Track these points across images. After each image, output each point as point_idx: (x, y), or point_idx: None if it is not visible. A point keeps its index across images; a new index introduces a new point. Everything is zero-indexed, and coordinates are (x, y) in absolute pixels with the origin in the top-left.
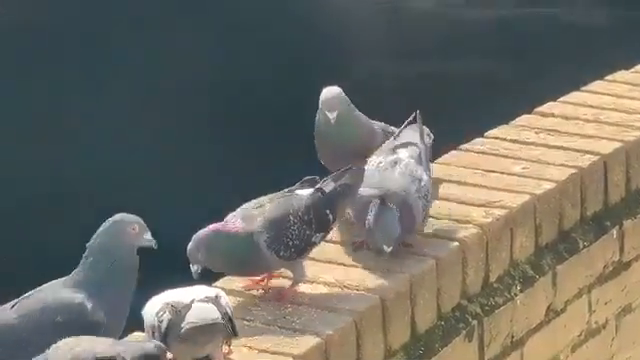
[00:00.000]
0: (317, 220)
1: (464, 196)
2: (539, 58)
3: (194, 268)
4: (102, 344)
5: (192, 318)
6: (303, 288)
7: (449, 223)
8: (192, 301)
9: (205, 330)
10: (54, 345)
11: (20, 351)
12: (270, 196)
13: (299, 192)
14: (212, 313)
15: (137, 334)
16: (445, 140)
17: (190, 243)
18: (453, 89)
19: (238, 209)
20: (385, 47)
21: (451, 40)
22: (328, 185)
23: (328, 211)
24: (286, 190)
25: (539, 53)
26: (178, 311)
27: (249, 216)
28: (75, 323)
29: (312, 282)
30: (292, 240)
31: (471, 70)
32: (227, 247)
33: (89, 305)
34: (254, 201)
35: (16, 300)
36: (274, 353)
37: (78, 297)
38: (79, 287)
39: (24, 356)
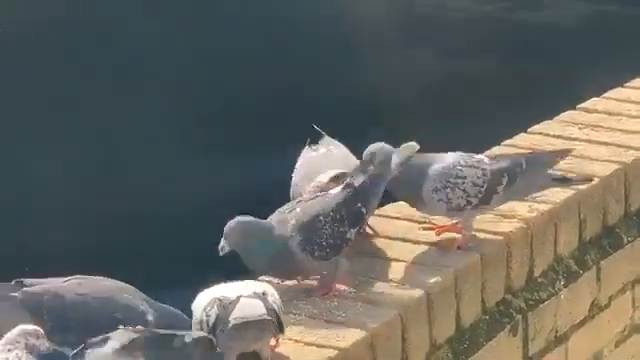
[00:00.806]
0: (350, 216)
1: None
2: (581, 55)
3: (222, 244)
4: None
5: (238, 314)
6: (347, 282)
7: (494, 218)
8: (239, 297)
9: (251, 326)
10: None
11: (62, 325)
12: (304, 197)
13: (332, 191)
14: (258, 309)
15: None
16: (490, 136)
17: (231, 221)
18: (496, 86)
19: (273, 214)
20: (424, 46)
21: (491, 39)
22: (357, 178)
23: (360, 204)
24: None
25: (582, 50)
26: (225, 306)
27: (283, 220)
28: (130, 325)
29: (357, 276)
30: (326, 240)
31: (513, 67)
32: (261, 240)
33: (149, 317)
34: (288, 204)
35: (70, 278)
36: (320, 346)
37: (144, 305)
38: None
39: (62, 331)
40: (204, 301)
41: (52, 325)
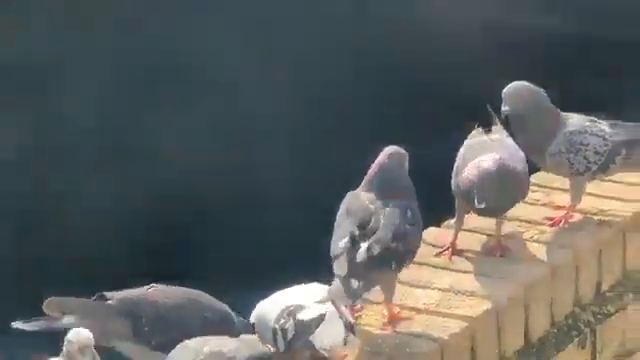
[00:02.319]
0: None
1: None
2: None
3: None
4: (234, 342)
5: (323, 343)
6: (416, 293)
7: (563, 231)
8: (322, 315)
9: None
10: (180, 345)
11: (160, 328)
12: None
13: None
14: (339, 335)
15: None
16: None
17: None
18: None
19: None
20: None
21: None
22: None
23: None
24: None
25: None
26: (304, 324)
27: None
28: (218, 324)
29: (426, 287)
30: None
31: None
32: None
33: (234, 315)
34: None
35: (149, 286)
36: (390, 357)
37: (226, 307)
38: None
39: (161, 333)
40: (273, 311)
41: (151, 328)
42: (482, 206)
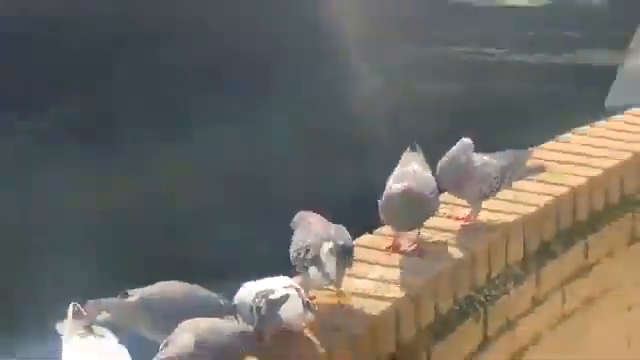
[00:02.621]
0: None
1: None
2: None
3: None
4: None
5: (287, 318)
6: (355, 282)
7: (463, 235)
8: (286, 295)
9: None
10: (179, 327)
11: (167, 316)
12: None
13: None
14: (299, 310)
15: None
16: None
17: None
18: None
19: None
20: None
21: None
22: None
23: None
24: None
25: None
26: (273, 302)
27: None
28: (211, 311)
29: (362, 278)
30: None
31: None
32: None
33: (221, 302)
34: None
35: (158, 283)
36: (336, 330)
37: (218, 295)
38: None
39: (166, 319)
40: (250, 294)
41: (161, 316)
42: (386, 222)
